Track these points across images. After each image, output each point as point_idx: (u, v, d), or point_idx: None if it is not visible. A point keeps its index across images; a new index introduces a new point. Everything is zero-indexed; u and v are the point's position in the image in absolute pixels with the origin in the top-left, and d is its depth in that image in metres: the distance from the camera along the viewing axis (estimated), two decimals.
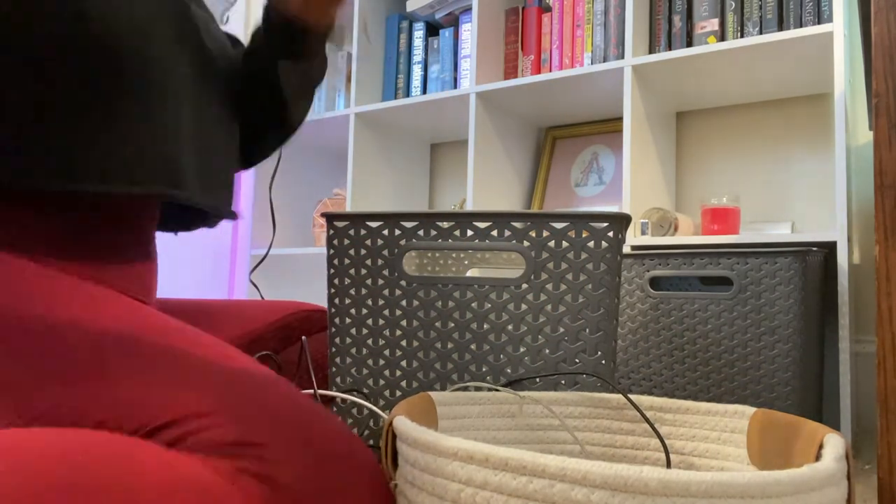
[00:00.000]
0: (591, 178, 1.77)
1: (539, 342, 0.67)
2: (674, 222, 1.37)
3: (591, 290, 0.65)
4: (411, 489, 0.40)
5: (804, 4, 1.35)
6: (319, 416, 0.45)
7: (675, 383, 1.16)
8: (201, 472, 0.38)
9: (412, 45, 1.87)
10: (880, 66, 0.56)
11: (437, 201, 2.08)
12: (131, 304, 0.51)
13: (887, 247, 0.55)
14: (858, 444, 1.26)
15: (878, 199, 0.56)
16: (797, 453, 0.44)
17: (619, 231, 0.66)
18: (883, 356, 0.54)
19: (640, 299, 1.20)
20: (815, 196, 1.52)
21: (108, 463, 0.36)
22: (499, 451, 0.35)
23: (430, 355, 0.70)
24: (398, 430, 0.42)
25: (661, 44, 1.50)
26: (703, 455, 0.56)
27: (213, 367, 0.46)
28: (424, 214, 0.69)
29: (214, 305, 0.81)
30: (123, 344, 0.46)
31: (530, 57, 1.68)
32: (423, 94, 1.82)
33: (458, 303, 0.69)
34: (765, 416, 0.52)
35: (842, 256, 1.15)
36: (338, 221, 0.72)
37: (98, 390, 0.43)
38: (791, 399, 1.06)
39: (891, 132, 0.55)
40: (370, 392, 0.72)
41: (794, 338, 1.06)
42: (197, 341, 0.49)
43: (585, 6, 1.61)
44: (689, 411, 0.57)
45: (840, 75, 1.21)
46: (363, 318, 0.72)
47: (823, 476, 0.34)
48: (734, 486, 0.32)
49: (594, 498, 0.32)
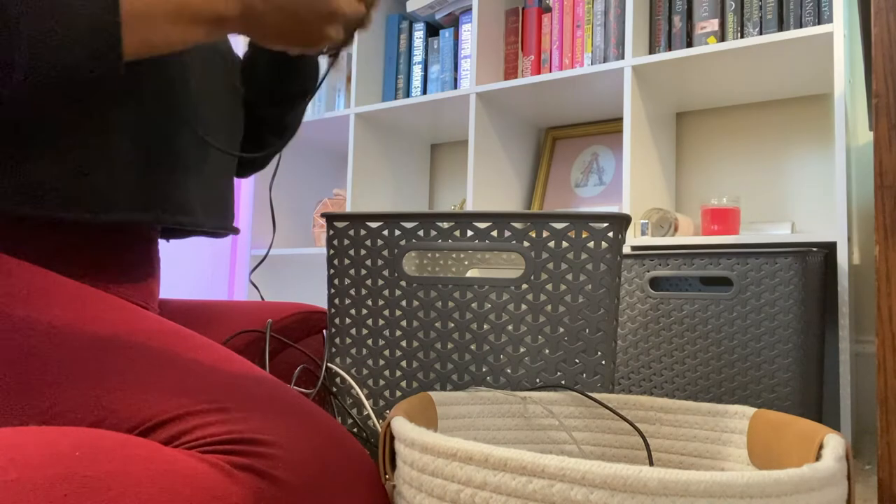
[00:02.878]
0: (591, 179, 1.77)
1: (539, 342, 0.67)
2: (674, 223, 1.37)
3: (591, 290, 0.65)
4: (409, 490, 0.40)
5: (804, 5, 1.35)
6: (316, 415, 0.45)
7: (675, 383, 1.16)
8: (198, 466, 0.38)
9: (412, 46, 1.87)
10: (880, 66, 0.56)
11: (437, 201, 2.08)
12: (130, 307, 0.51)
13: (887, 247, 0.54)
14: (858, 444, 1.26)
15: (878, 199, 0.56)
16: (797, 453, 0.44)
17: (618, 231, 0.66)
18: (883, 356, 0.54)
19: (640, 299, 1.20)
20: (815, 196, 1.52)
21: (107, 457, 0.36)
22: (498, 451, 0.35)
23: (430, 355, 0.70)
24: (396, 431, 0.42)
25: (661, 44, 1.50)
26: (704, 455, 0.56)
27: (210, 369, 0.46)
28: (424, 215, 0.69)
29: (214, 306, 0.81)
30: (121, 346, 0.46)
31: (530, 57, 1.68)
32: (424, 94, 1.82)
33: (458, 303, 0.69)
34: (765, 416, 0.52)
35: (842, 257, 1.15)
36: (338, 222, 0.72)
37: (95, 391, 0.43)
38: (791, 399, 1.06)
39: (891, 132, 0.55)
40: (370, 392, 0.72)
41: (794, 338, 1.06)
42: (194, 344, 0.49)
43: (585, 6, 1.61)
44: (690, 411, 0.57)
45: (840, 75, 1.21)
46: (363, 319, 0.71)
47: (823, 476, 0.34)
48: (734, 486, 0.31)
49: (593, 498, 0.32)
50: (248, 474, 0.38)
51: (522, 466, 0.34)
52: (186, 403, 0.42)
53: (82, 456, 0.35)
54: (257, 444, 0.40)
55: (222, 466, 0.38)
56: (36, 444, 0.36)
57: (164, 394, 0.42)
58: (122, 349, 0.46)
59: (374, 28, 1.90)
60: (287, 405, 0.45)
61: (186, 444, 0.40)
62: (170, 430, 0.41)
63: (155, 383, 0.43)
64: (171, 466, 0.37)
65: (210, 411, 0.41)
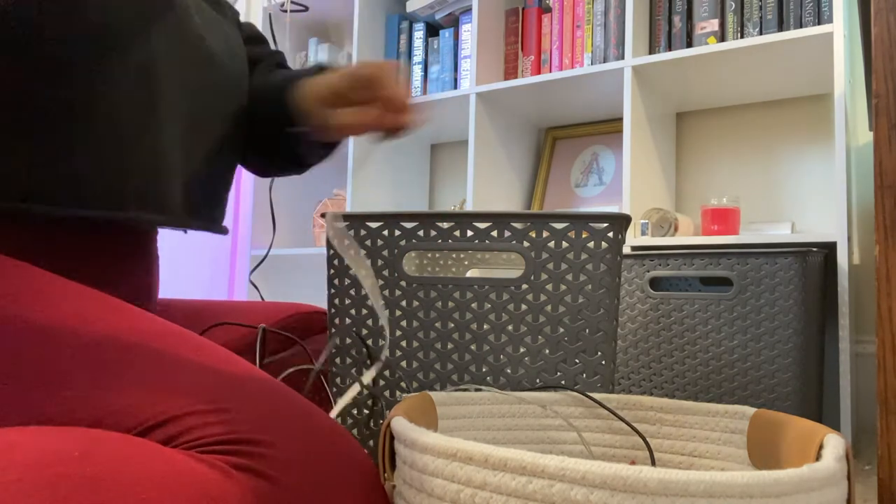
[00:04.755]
0: (591, 179, 1.77)
1: (539, 342, 0.67)
2: (674, 223, 1.37)
3: (591, 290, 0.65)
4: (409, 490, 0.40)
5: (804, 5, 1.35)
6: (316, 416, 0.45)
7: (675, 383, 1.16)
8: (196, 466, 0.38)
9: (412, 46, 1.87)
10: (880, 67, 0.56)
11: (437, 201, 2.08)
12: (128, 307, 0.51)
13: (887, 247, 0.54)
14: (858, 444, 1.26)
15: (878, 199, 0.56)
16: (797, 453, 0.44)
17: (618, 231, 0.66)
18: (883, 356, 0.54)
19: (640, 300, 1.20)
20: (815, 196, 1.52)
21: (105, 457, 0.36)
22: (498, 451, 0.35)
23: (430, 355, 0.70)
24: (396, 430, 0.42)
25: (661, 44, 1.50)
26: (704, 455, 0.56)
27: (210, 369, 0.46)
28: (424, 215, 0.69)
29: (214, 306, 0.81)
30: (119, 346, 0.46)
31: (530, 57, 1.68)
32: (424, 94, 1.82)
33: (458, 303, 0.69)
34: (765, 416, 0.52)
35: (842, 256, 1.15)
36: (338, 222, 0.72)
37: (93, 391, 0.43)
38: (791, 399, 1.06)
39: (891, 132, 0.55)
40: (370, 392, 0.72)
41: (794, 338, 1.06)
42: (193, 344, 0.49)
43: (585, 6, 1.61)
44: (690, 412, 0.57)
45: (840, 75, 1.21)
46: (363, 319, 0.71)
47: (823, 476, 0.34)
48: (734, 486, 0.31)
49: (593, 498, 0.32)
50: (246, 475, 0.38)
51: (522, 466, 0.34)
52: (185, 404, 0.42)
53: (81, 456, 0.35)
54: (256, 444, 0.40)
55: (221, 467, 0.38)
56: (36, 445, 0.36)
57: (163, 394, 0.42)
58: (121, 349, 0.46)
59: (374, 28, 1.90)
60: (287, 405, 0.44)
61: (185, 445, 0.40)
62: (168, 430, 0.41)
63: (153, 383, 0.43)
64: (170, 467, 0.37)
65: (209, 411, 0.41)
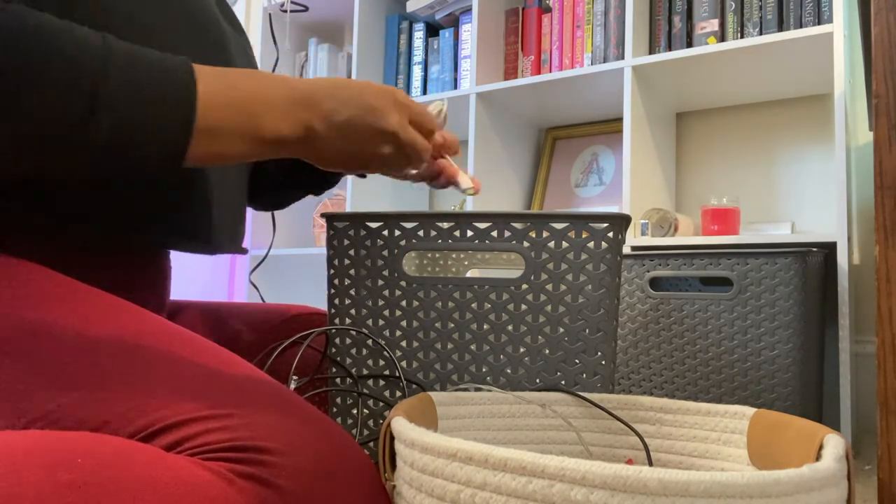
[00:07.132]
0: (591, 179, 1.77)
1: (539, 342, 0.67)
2: (674, 223, 1.37)
3: (591, 290, 0.65)
4: (409, 490, 0.40)
5: (804, 5, 1.35)
6: (319, 421, 0.45)
7: (675, 383, 1.16)
8: (200, 473, 0.38)
9: (412, 46, 1.87)
10: (880, 67, 0.56)
11: (437, 201, 2.08)
12: (135, 309, 0.51)
13: (887, 247, 0.54)
14: (858, 444, 1.26)
15: (878, 199, 0.56)
16: (797, 453, 0.44)
17: (618, 232, 0.66)
18: (883, 356, 0.54)
19: (640, 300, 1.20)
20: (815, 196, 1.52)
21: (107, 463, 0.36)
22: (498, 451, 0.35)
23: (430, 355, 0.70)
24: (396, 431, 0.42)
25: (661, 44, 1.50)
26: (704, 455, 0.56)
27: (214, 373, 0.46)
28: (424, 215, 0.69)
29: (217, 308, 0.81)
30: (125, 349, 0.46)
31: (530, 57, 1.68)
32: (424, 94, 1.81)
33: (458, 303, 0.69)
34: (765, 416, 0.52)
35: (842, 257, 1.15)
36: (338, 222, 0.72)
37: (97, 395, 0.43)
38: (791, 399, 1.06)
39: (891, 132, 0.55)
40: (370, 392, 0.72)
41: (794, 338, 1.06)
42: (198, 347, 0.49)
43: (585, 6, 1.61)
44: (690, 412, 0.57)
45: (840, 75, 1.21)
46: (363, 319, 0.71)
47: (823, 476, 0.34)
48: (734, 486, 0.32)
49: (593, 498, 0.32)
50: (249, 483, 0.38)
51: (522, 466, 0.34)
52: (189, 409, 0.42)
53: (84, 462, 0.35)
54: (260, 451, 0.40)
55: (224, 474, 0.38)
56: (39, 450, 0.36)
57: (167, 399, 0.42)
58: (125, 353, 0.46)
59: (374, 28, 1.90)
60: (291, 410, 0.44)
61: (189, 451, 0.40)
62: (172, 435, 0.41)
63: (158, 388, 0.43)
64: (173, 473, 0.37)
65: (213, 417, 0.41)
